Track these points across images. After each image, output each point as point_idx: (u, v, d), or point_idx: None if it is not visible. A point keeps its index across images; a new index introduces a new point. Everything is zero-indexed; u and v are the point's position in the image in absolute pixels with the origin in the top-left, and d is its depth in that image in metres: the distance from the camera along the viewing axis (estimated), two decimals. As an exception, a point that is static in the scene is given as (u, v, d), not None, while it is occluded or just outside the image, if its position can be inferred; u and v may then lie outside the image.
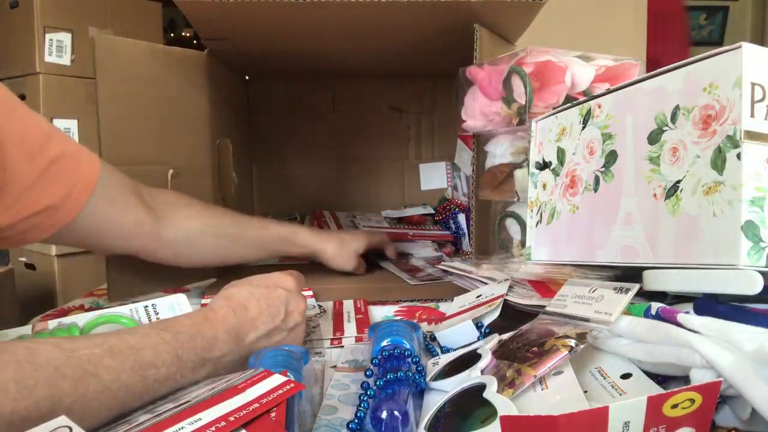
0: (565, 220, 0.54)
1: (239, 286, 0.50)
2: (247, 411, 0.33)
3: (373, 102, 1.19)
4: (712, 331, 0.35)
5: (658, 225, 0.42)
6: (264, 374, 0.38)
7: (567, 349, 0.39)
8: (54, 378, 0.33)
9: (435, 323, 0.64)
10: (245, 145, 1.13)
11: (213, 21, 0.77)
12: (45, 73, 1.63)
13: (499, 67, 0.66)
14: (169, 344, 0.40)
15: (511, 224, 0.70)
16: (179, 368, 0.40)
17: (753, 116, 0.37)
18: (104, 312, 0.51)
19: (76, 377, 0.34)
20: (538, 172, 0.59)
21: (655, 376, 0.40)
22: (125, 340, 0.39)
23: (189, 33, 2.63)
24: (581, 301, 0.45)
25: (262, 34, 0.84)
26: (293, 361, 0.43)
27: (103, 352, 0.37)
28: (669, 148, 0.42)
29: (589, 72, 0.64)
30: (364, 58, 1.00)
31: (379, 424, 0.37)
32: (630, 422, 0.29)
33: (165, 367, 0.39)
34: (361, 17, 0.76)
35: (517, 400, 0.37)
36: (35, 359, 0.33)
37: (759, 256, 0.36)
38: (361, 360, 0.53)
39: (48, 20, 1.63)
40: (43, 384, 0.33)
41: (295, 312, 0.51)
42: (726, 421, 0.35)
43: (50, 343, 0.36)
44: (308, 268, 0.95)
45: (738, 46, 0.37)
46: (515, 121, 0.64)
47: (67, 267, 1.67)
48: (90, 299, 0.77)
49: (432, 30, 0.81)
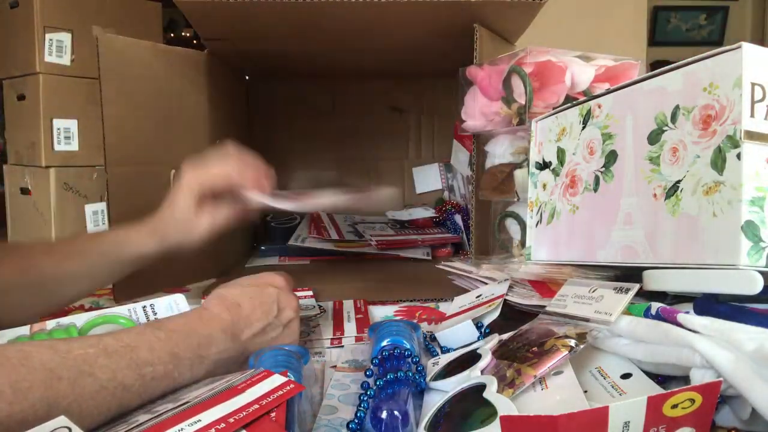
0: (565, 220, 0.54)
1: (229, 286, 0.51)
2: (247, 412, 0.33)
3: (373, 102, 1.19)
4: (712, 331, 0.35)
5: (658, 225, 0.42)
6: (264, 374, 0.38)
7: (567, 349, 0.39)
8: (49, 380, 0.33)
9: (435, 323, 0.64)
10: (245, 145, 1.12)
11: (213, 21, 0.77)
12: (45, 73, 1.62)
13: (499, 67, 0.66)
14: (164, 342, 0.40)
15: (511, 224, 0.70)
16: (176, 366, 0.40)
17: (753, 116, 0.37)
18: (102, 312, 0.51)
19: (72, 378, 0.34)
20: (538, 172, 0.59)
21: (655, 376, 0.40)
22: (120, 339, 0.39)
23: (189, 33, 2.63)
24: (581, 301, 0.45)
25: (262, 34, 0.84)
26: (293, 360, 0.43)
27: (98, 351, 0.37)
28: (669, 148, 0.42)
29: (589, 72, 0.64)
30: (364, 58, 1.00)
31: (379, 424, 0.37)
32: (630, 422, 0.29)
33: (162, 365, 0.39)
34: (361, 17, 0.76)
35: (517, 400, 0.37)
36: (29, 362, 0.33)
37: (759, 256, 0.36)
38: (361, 360, 0.53)
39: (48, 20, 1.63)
40: (38, 386, 0.32)
41: (288, 308, 0.51)
42: (726, 421, 0.35)
43: (44, 345, 0.36)
44: (308, 268, 0.95)
45: (738, 46, 0.37)
46: (515, 121, 0.64)
47: (67, 267, 1.67)
48: (90, 299, 0.77)
49: (432, 30, 0.81)
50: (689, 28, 3.36)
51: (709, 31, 3.34)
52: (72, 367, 0.35)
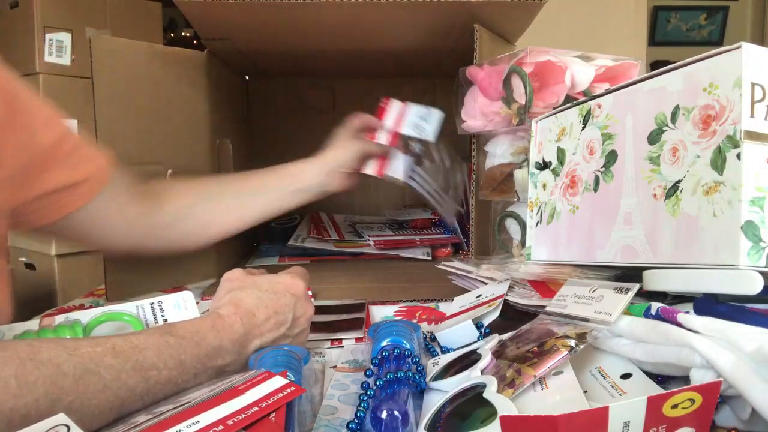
0: (565, 220, 0.54)
1: (248, 289, 0.49)
2: (246, 414, 0.33)
3: (373, 102, 1.19)
4: (712, 331, 0.35)
5: (658, 225, 0.42)
6: (265, 376, 0.38)
7: (567, 349, 0.39)
8: (55, 375, 0.33)
9: (435, 323, 0.64)
10: (245, 145, 1.13)
11: (213, 21, 0.77)
12: (45, 73, 1.63)
13: (499, 67, 0.66)
14: (173, 348, 0.40)
15: (511, 224, 0.70)
16: (181, 373, 0.40)
17: (753, 116, 0.37)
18: (109, 309, 0.51)
19: (78, 375, 0.34)
20: (538, 172, 0.59)
21: (655, 376, 0.40)
22: (129, 340, 0.39)
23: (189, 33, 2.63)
24: (581, 301, 0.45)
25: (262, 34, 0.84)
26: (293, 361, 0.43)
27: (106, 351, 0.37)
28: (669, 148, 0.42)
29: (589, 72, 0.64)
30: (364, 58, 1.00)
31: (378, 423, 0.37)
32: (630, 422, 0.29)
33: (167, 370, 0.39)
34: (360, 17, 0.76)
35: (517, 400, 0.37)
36: (37, 356, 0.34)
37: (759, 256, 0.36)
38: (361, 360, 0.53)
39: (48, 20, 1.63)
40: (44, 381, 0.33)
41: (302, 318, 0.50)
42: (726, 421, 0.35)
43: (54, 341, 0.36)
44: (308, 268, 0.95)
45: (738, 46, 0.37)
46: (515, 121, 0.64)
47: (67, 267, 1.67)
48: (90, 299, 0.77)
49: (432, 30, 0.81)
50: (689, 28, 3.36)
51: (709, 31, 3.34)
52: (78, 364, 0.35)
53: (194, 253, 0.79)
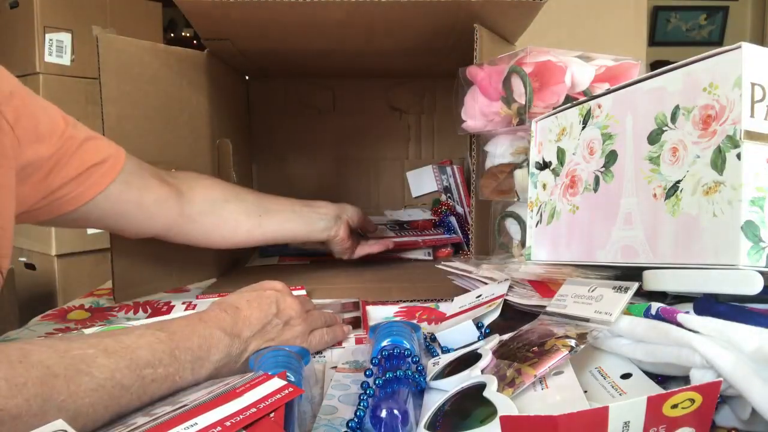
0: (565, 220, 0.54)
1: (228, 295, 0.53)
2: (245, 416, 0.33)
3: (373, 102, 1.19)
4: (712, 331, 0.35)
5: (658, 225, 0.42)
6: (263, 378, 0.38)
7: (567, 349, 0.39)
8: (45, 376, 0.33)
9: (435, 323, 0.64)
10: (245, 145, 1.13)
11: (213, 21, 0.77)
12: (45, 73, 1.63)
13: (499, 67, 0.66)
14: (165, 343, 0.41)
15: (511, 224, 0.70)
16: (177, 368, 0.40)
17: (753, 116, 0.37)
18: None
19: (69, 375, 0.34)
20: (538, 172, 0.59)
21: (655, 376, 0.40)
22: (120, 340, 0.39)
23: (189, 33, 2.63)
24: (581, 301, 0.45)
25: (262, 34, 0.84)
26: (293, 361, 0.43)
27: (97, 352, 0.37)
28: (669, 148, 0.42)
29: (589, 72, 0.64)
30: (364, 58, 1.00)
31: (378, 423, 0.37)
32: (630, 422, 0.29)
33: (162, 367, 0.39)
34: (360, 17, 0.76)
35: (517, 399, 0.37)
36: (28, 359, 0.34)
37: (759, 256, 0.36)
38: (361, 361, 0.53)
39: (48, 20, 1.63)
40: (34, 382, 0.33)
41: (288, 309, 0.52)
42: (726, 421, 0.35)
43: (45, 344, 0.36)
44: (308, 268, 0.95)
45: (738, 46, 0.37)
46: (515, 121, 0.64)
47: (67, 267, 1.67)
48: (90, 299, 0.77)
49: (432, 30, 0.81)
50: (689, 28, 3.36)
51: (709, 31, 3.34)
52: (69, 365, 0.35)
53: (195, 254, 0.79)
